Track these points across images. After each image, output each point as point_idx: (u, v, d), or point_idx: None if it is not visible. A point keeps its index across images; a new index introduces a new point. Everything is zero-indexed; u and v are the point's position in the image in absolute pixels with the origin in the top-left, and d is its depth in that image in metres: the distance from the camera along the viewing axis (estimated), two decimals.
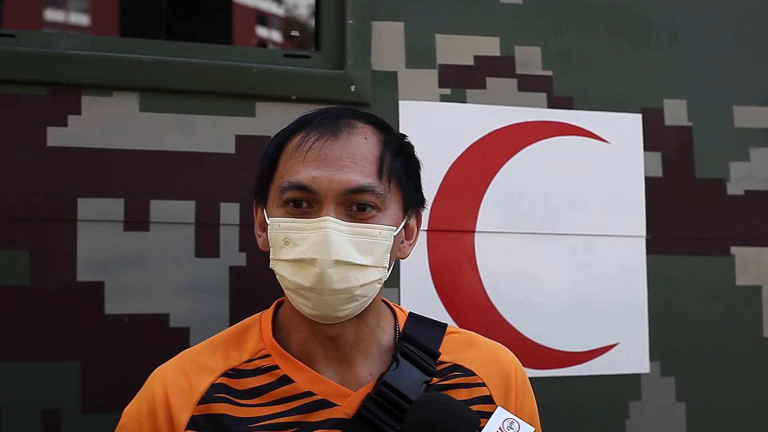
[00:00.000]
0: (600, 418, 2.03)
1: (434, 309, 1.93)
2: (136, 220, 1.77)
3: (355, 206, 1.23)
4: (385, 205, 1.25)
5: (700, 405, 2.10)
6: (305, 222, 1.22)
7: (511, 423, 1.17)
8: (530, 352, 1.99)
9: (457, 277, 1.97)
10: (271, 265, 1.27)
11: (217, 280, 1.81)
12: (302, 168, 1.23)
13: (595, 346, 2.05)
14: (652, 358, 2.07)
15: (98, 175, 1.76)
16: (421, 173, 1.39)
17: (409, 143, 1.37)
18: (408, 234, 1.35)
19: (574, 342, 2.03)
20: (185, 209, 1.81)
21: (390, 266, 1.29)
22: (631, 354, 2.06)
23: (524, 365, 1.96)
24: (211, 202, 1.82)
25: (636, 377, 2.06)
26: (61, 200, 1.74)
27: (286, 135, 1.30)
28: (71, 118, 1.76)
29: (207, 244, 1.81)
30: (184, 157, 1.82)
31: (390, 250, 1.26)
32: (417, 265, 1.93)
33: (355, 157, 1.24)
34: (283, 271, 1.24)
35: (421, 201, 1.37)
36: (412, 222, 1.35)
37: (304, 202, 1.23)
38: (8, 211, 1.71)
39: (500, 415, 1.18)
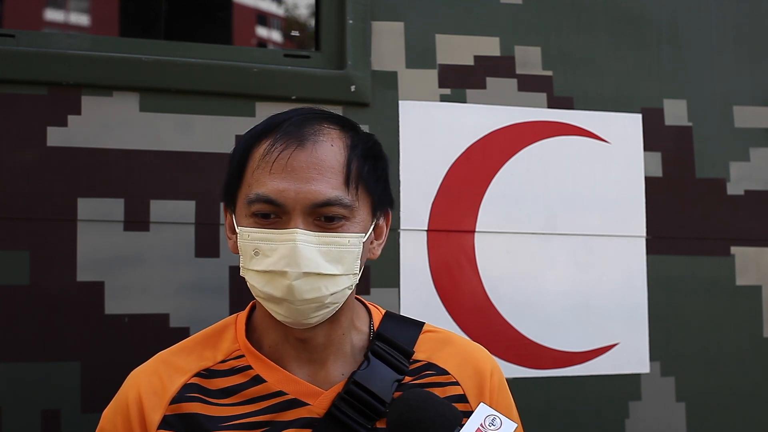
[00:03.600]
0: (600, 418, 2.03)
1: (434, 309, 1.93)
2: (136, 220, 1.77)
3: (324, 217, 1.22)
4: (353, 213, 1.25)
5: (700, 405, 2.10)
6: (274, 233, 1.22)
7: (493, 419, 1.17)
8: (530, 352, 1.99)
9: (457, 277, 1.96)
10: (242, 273, 1.28)
11: (217, 280, 1.81)
12: (269, 180, 1.22)
13: (595, 346, 2.05)
14: (652, 358, 2.07)
15: (98, 175, 1.76)
16: (389, 171, 1.37)
17: (376, 144, 1.34)
18: (377, 234, 1.35)
19: (574, 342, 2.03)
20: (185, 209, 1.81)
21: (360, 270, 1.29)
22: (631, 354, 2.06)
23: (524, 365, 1.97)
24: (211, 202, 1.82)
25: (636, 377, 2.06)
26: (61, 200, 1.74)
27: (253, 139, 1.28)
28: (71, 118, 1.76)
29: (207, 244, 1.81)
30: (184, 157, 1.82)
31: (360, 256, 1.26)
32: (417, 265, 1.94)
33: (321, 168, 1.22)
34: (253, 281, 1.25)
35: (389, 201, 1.36)
36: (381, 222, 1.35)
37: (272, 213, 1.23)
38: (8, 211, 1.71)
39: (482, 411, 1.18)
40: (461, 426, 1.16)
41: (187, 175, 1.82)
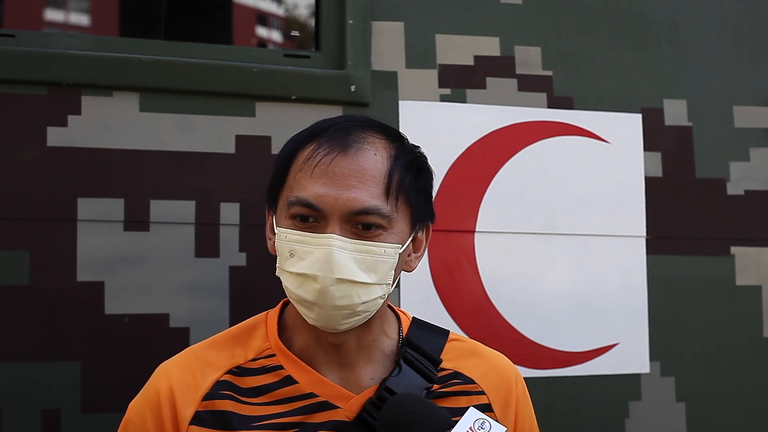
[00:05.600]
0: (600, 418, 2.03)
1: (434, 309, 1.93)
2: (136, 220, 1.77)
3: (361, 225, 1.22)
4: (392, 224, 1.25)
5: (700, 405, 2.10)
6: (311, 236, 1.22)
7: (482, 423, 1.18)
8: (530, 352, 1.99)
9: (457, 277, 1.97)
10: (277, 273, 1.28)
11: (217, 280, 1.81)
12: (309, 184, 1.23)
13: (595, 346, 2.05)
14: (652, 358, 2.07)
15: (98, 175, 1.76)
16: (432, 184, 1.37)
17: (421, 156, 1.34)
18: (416, 247, 1.34)
19: (574, 342, 2.03)
20: (185, 209, 1.80)
21: (395, 281, 1.29)
22: (631, 354, 2.06)
23: (524, 365, 1.98)
24: (211, 202, 1.82)
25: (636, 377, 2.06)
26: (61, 200, 1.74)
27: (298, 143, 1.29)
28: (71, 118, 1.76)
29: (207, 244, 1.81)
30: (184, 157, 1.82)
31: (395, 267, 1.26)
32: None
33: (362, 176, 1.22)
34: (287, 282, 1.26)
35: (430, 215, 1.36)
36: (421, 236, 1.35)
37: (311, 217, 1.23)
38: (8, 211, 1.71)
39: (471, 415, 1.19)
40: (451, 429, 1.17)
41: (187, 175, 1.82)
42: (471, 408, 1.21)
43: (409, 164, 1.29)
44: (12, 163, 1.72)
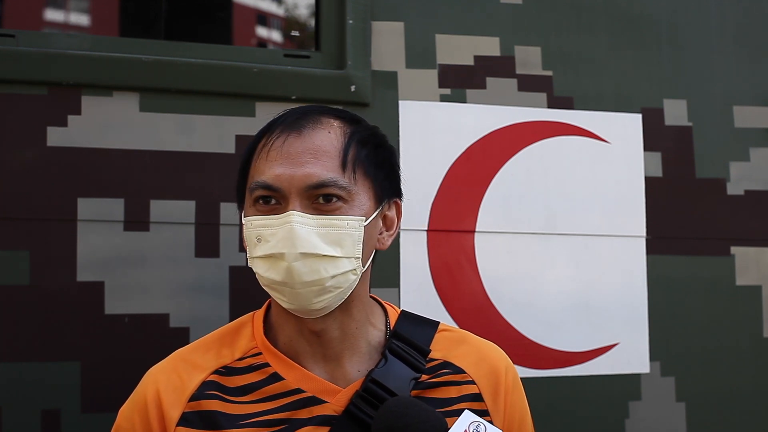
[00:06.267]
0: (600, 418, 2.03)
1: (434, 309, 1.93)
2: (136, 220, 1.78)
3: (321, 198, 1.24)
4: (352, 196, 1.25)
5: (700, 405, 2.10)
6: (273, 218, 1.23)
7: (477, 426, 1.18)
8: (530, 352, 1.99)
9: (457, 277, 1.97)
10: (249, 264, 1.29)
11: (217, 280, 1.81)
12: (267, 167, 1.25)
13: (595, 346, 2.05)
14: (652, 358, 2.07)
15: (98, 175, 1.77)
16: (399, 163, 1.38)
17: (378, 133, 1.36)
18: (387, 225, 1.35)
19: (574, 342, 2.03)
20: (185, 209, 1.81)
21: (368, 258, 1.30)
22: (631, 354, 2.06)
23: (524, 365, 1.98)
24: (211, 202, 1.82)
25: (636, 377, 2.06)
26: (61, 200, 1.74)
27: (256, 137, 1.32)
28: (71, 118, 1.76)
29: (207, 244, 1.81)
30: (184, 157, 1.82)
31: (361, 240, 1.26)
32: (417, 265, 1.94)
33: (316, 152, 1.25)
34: (257, 268, 1.27)
35: (396, 191, 1.37)
36: (391, 213, 1.36)
37: (273, 199, 1.25)
38: (8, 211, 1.71)
39: (466, 418, 1.18)
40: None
41: (187, 175, 1.82)
42: (466, 411, 1.20)
43: (365, 139, 1.31)
44: (12, 163, 1.72)
